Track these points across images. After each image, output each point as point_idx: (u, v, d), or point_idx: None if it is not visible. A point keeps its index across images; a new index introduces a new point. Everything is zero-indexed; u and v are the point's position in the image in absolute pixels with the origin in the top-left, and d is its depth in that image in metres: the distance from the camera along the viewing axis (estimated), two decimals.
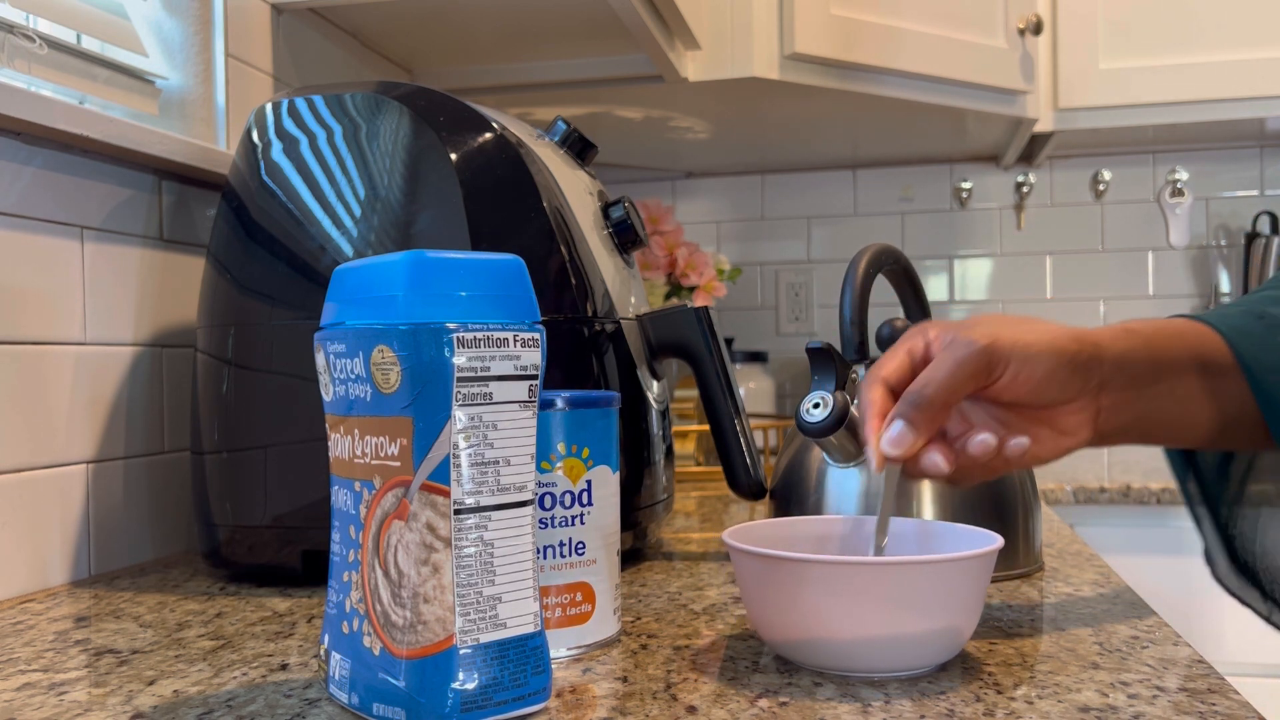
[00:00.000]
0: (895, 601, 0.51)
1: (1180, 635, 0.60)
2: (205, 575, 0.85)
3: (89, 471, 0.86)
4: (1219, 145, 2.13)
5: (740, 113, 1.75)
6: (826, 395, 0.71)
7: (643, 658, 0.57)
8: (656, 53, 1.35)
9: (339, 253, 0.76)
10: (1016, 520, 0.76)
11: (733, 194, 2.31)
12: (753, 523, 0.63)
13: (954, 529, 0.61)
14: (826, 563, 0.52)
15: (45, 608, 0.75)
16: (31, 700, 0.53)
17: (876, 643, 0.52)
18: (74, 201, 0.85)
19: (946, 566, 0.52)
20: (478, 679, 0.45)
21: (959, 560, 0.52)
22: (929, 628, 0.52)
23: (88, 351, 0.86)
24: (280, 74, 1.16)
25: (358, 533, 0.48)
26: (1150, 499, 1.54)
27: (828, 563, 0.52)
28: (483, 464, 0.46)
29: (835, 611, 0.52)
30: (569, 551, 0.58)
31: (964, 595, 0.53)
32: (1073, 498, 1.56)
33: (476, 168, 0.77)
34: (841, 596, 0.51)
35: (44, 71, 0.89)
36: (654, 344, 0.86)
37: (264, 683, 0.55)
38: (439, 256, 0.46)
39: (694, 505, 1.20)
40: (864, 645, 0.52)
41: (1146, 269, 2.17)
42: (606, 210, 0.87)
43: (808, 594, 0.52)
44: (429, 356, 0.45)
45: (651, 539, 0.91)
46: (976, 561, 0.53)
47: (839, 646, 0.52)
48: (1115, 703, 0.48)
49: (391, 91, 0.79)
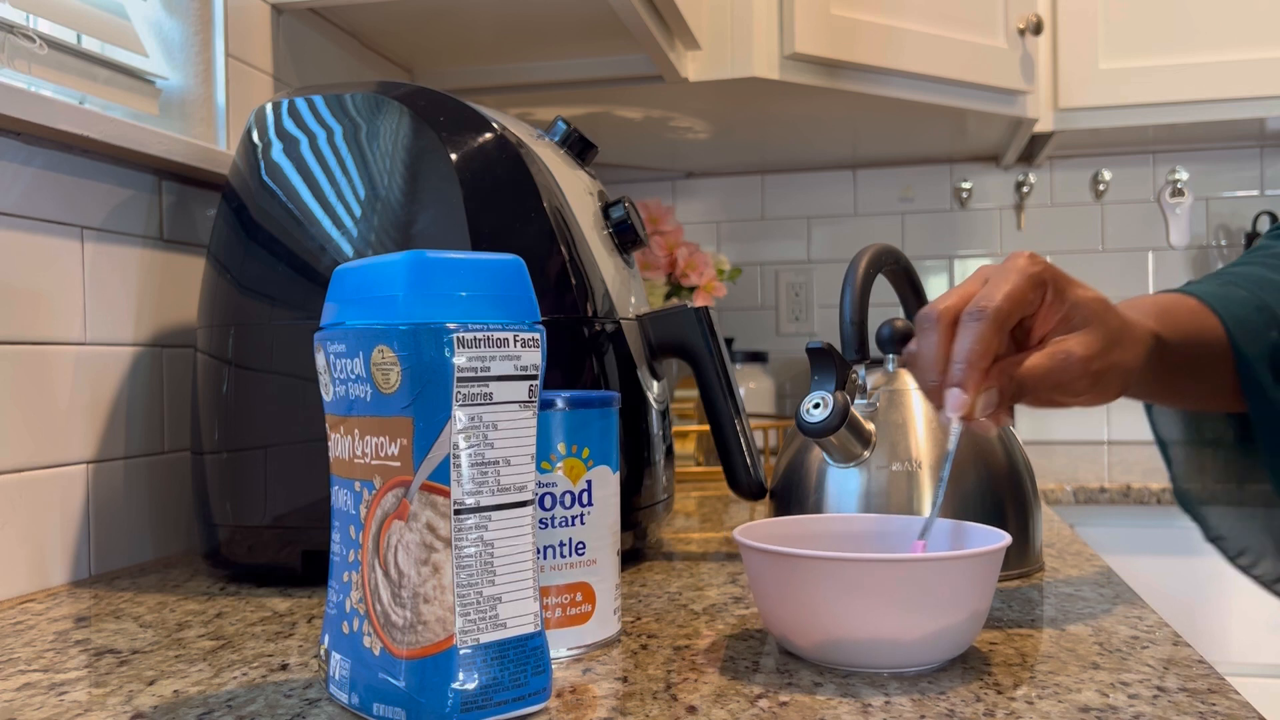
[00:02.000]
0: (908, 598, 0.51)
1: (1180, 635, 0.60)
2: (205, 575, 0.85)
3: (89, 471, 0.86)
4: (1219, 145, 2.13)
5: (740, 113, 1.75)
6: (827, 395, 0.71)
7: (643, 658, 0.58)
8: (656, 53, 1.35)
9: (339, 253, 0.76)
10: (1017, 520, 0.76)
11: (733, 194, 2.31)
12: (762, 521, 0.63)
13: (961, 526, 0.61)
14: (839, 560, 0.52)
15: (45, 608, 0.75)
16: (32, 700, 0.53)
17: (889, 639, 0.52)
18: (74, 201, 0.85)
19: (960, 563, 0.52)
20: (478, 679, 0.45)
21: (972, 557, 0.52)
22: (941, 623, 0.52)
23: (88, 351, 0.86)
24: (280, 74, 1.16)
25: (358, 533, 0.48)
26: (1150, 499, 1.54)
27: (840, 560, 0.52)
28: (483, 464, 0.46)
29: (848, 608, 0.52)
30: (569, 551, 0.58)
31: (976, 591, 0.53)
32: (1073, 498, 1.56)
33: (476, 168, 0.77)
34: (854, 593, 0.52)
35: (44, 71, 0.89)
36: (654, 344, 0.86)
37: (264, 683, 0.55)
38: (439, 256, 0.46)
39: (694, 505, 1.20)
40: (876, 642, 0.52)
41: (1147, 269, 2.17)
42: (606, 210, 0.87)
43: (820, 591, 0.52)
44: (429, 356, 0.45)
45: (651, 539, 0.91)
46: (988, 558, 0.53)
47: (851, 643, 0.52)
48: (1115, 703, 0.48)
49: (392, 91, 0.79)
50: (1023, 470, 0.78)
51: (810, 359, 0.74)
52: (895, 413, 0.76)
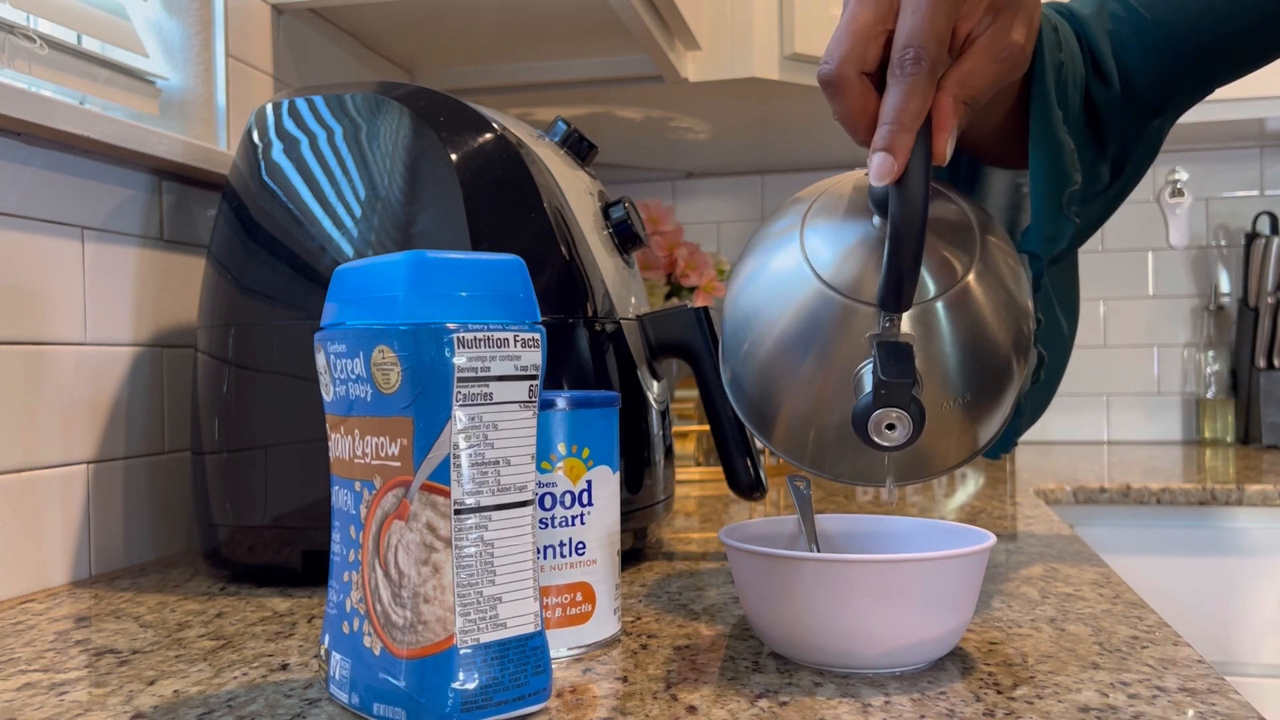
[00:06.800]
0: (888, 599, 0.51)
1: (1180, 635, 0.60)
2: (205, 575, 0.85)
3: (89, 471, 0.86)
4: (1219, 145, 2.13)
5: (740, 113, 1.75)
6: (903, 414, 0.54)
7: (643, 658, 0.58)
8: (656, 53, 1.35)
9: (339, 253, 0.76)
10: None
11: (733, 194, 2.31)
12: (749, 521, 0.63)
13: (946, 527, 0.61)
14: (820, 560, 0.52)
15: (45, 608, 0.75)
16: (32, 700, 0.53)
17: (870, 640, 0.52)
18: (74, 201, 0.85)
19: (938, 564, 0.52)
20: (478, 679, 0.46)
21: (950, 558, 0.52)
22: (922, 625, 0.52)
23: (88, 351, 0.86)
24: (280, 74, 1.16)
25: (358, 533, 0.48)
26: (1150, 499, 1.54)
27: (821, 560, 0.52)
28: (483, 464, 0.46)
29: (829, 609, 0.52)
30: (569, 551, 0.58)
31: (956, 592, 0.53)
32: (1073, 498, 1.56)
33: (476, 168, 0.77)
34: (835, 594, 0.52)
35: (44, 72, 0.89)
36: (654, 344, 0.86)
37: (264, 683, 0.55)
38: (439, 256, 0.46)
39: (694, 505, 1.20)
40: (858, 642, 0.52)
41: (1146, 269, 2.17)
42: (606, 210, 0.87)
43: (802, 591, 0.52)
44: (429, 357, 0.45)
45: (651, 539, 0.91)
46: (968, 559, 0.53)
47: (833, 643, 0.53)
48: (1115, 703, 0.49)
49: (392, 92, 0.79)
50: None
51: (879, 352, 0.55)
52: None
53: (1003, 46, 0.55)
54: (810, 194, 0.62)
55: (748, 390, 0.61)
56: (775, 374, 0.59)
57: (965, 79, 0.54)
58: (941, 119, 0.54)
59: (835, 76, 0.54)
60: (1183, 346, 2.15)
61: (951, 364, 0.57)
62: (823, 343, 0.57)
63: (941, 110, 0.54)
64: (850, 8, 0.54)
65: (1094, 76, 0.67)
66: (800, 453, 0.61)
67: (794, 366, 0.58)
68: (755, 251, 0.61)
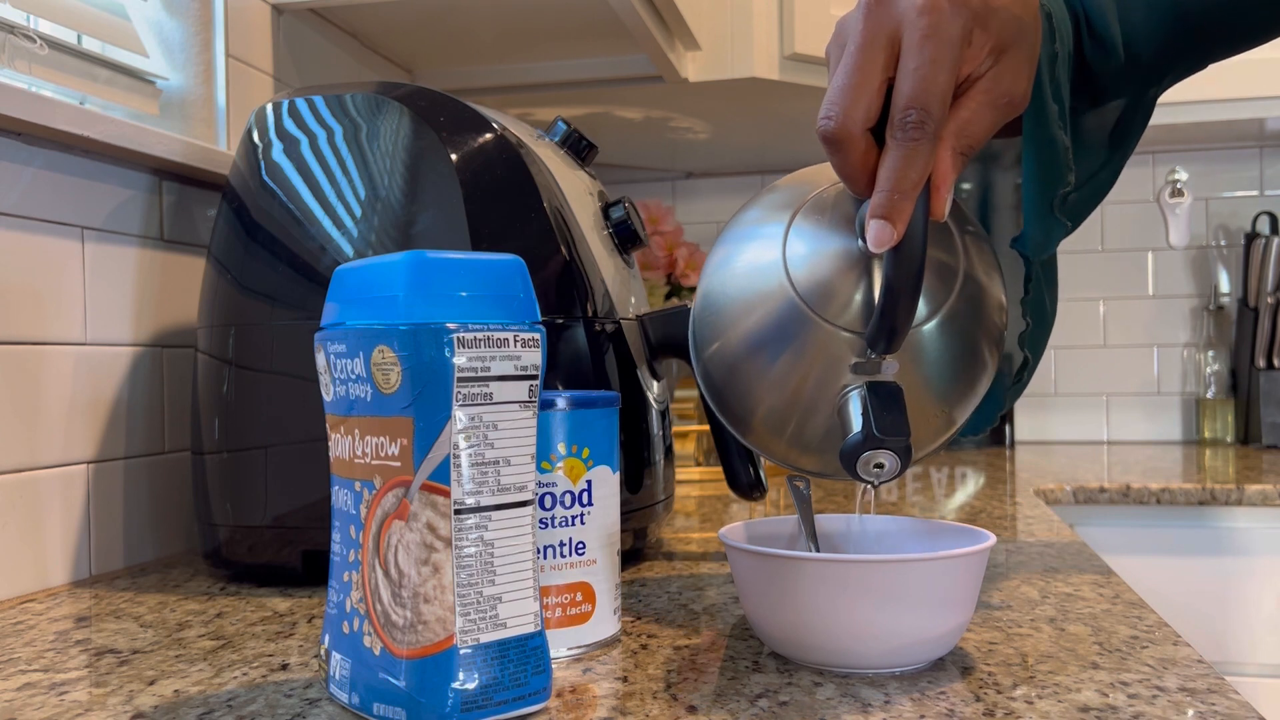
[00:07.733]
0: (887, 599, 0.51)
1: (1180, 635, 0.60)
2: (206, 575, 0.85)
3: (89, 471, 0.86)
4: (1219, 145, 2.13)
5: (740, 113, 1.75)
6: (888, 456, 0.55)
7: (643, 658, 0.58)
8: (656, 53, 1.35)
9: (339, 253, 0.76)
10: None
11: (733, 194, 2.31)
12: (748, 521, 0.63)
13: (946, 527, 0.61)
14: (820, 560, 0.52)
15: (46, 608, 0.75)
16: (32, 700, 0.53)
17: (870, 640, 0.52)
18: (74, 201, 0.85)
19: (938, 564, 0.52)
20: (478, 679, 0.46)
21: (950, 558, 0.52)
22: (921, 625, 0.52)
23: (88, 351, 0.86)
24: (280, 74, 1.16)
25: (358, 533, 0.48)
26: (1150, 499, 1.54)
27: (821, 560, 0.52)
28: (483, 464, 0.46)
29: (829, 609, 0.52)
30: (569, 551, 0.58)
31: (956, 592, 0.53)
32: (1073, 498, 1.56)
33: (476, 168, 0.77)
34: (835, 594, 0.52)
35: (45, 72, 0.89)
36: (654, 344, 0.86)
37: (264, 683, 0.55)
38: (439, 257, 0.46)
39: (694, 505, 1.20)
40: (858, 642, 0.52)
41: (1146, 269, 2.17)
42: (606, 210, 0.87)
43: (802, 592, 0.52)
44: (429, 356, 0.45)
45: (651, 539, 0.91)
46: (968, 559, 0.53)
47: (833, 644, 0.53)
48: (1115, 703, 0.49)
49: (392, 92, 0.79)
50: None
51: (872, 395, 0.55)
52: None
53: (1002, 93, 0.53)
54: (795, 185, 0.62)
55: (719, 386, 0.63)
56: (747, 374, 0.60)
57: (964, 129, 0.53)
58: (941, 176, 0.52)
59: (838, 135, 0.52)
60: (1182, 346, 2.15)
61: (933, 382, 0.58)
62: (794, 354, 0.57)
63: (941, 167, 0.52)
64: (851, 56, 0.53)
65: (1093, 45, 0.65)
66: (772, 449, 0.62)
67: (762, 370, 0.59)
68: (736, 242, 0.61)
